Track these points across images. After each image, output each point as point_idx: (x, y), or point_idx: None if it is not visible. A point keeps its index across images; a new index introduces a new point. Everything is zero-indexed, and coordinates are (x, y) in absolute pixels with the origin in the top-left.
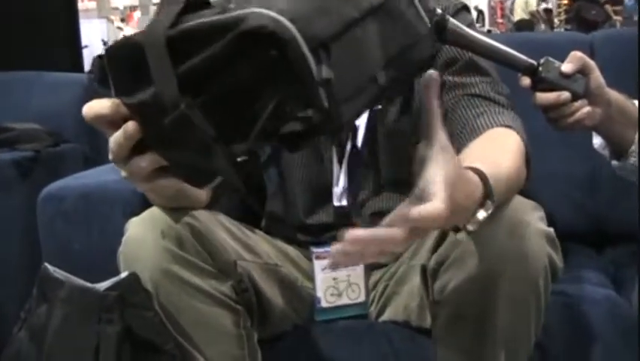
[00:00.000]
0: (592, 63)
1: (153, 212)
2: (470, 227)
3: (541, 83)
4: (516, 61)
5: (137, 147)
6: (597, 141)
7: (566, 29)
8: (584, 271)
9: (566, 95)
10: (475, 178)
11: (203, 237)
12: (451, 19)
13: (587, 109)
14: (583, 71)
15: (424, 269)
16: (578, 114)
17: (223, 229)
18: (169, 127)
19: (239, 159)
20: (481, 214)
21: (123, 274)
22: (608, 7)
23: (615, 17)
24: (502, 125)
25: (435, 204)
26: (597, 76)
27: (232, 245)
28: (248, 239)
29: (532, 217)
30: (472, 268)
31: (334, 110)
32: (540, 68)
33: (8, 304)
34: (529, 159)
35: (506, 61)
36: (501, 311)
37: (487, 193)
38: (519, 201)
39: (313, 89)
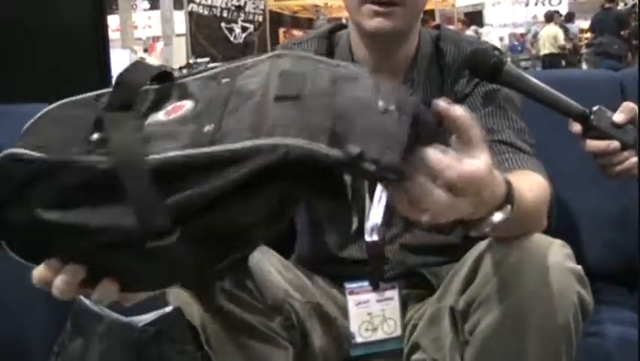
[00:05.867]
0: None
1: None
2: (487, 228)
3: (592, 131)
4: (568, 107)
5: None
6: None
7: (588, 58)
8: (618, 311)
9: (615, 144)
10: (501, 179)
11: (255, 273)
12: (509, 62)
13: (634, 159)
14: (634, 122)
15: (452, 310)
16: (626, 163)
17: (273, 267)
18: (145, 254)
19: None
20: (497, 216)
21: (167, 309)
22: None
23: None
24: (528, 169)
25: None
26: None
27: (281, 282)
28: (296, 277)
29: (559, 256)
30: (501, 308)
31: None
32: (592, 117)
33: (39, 338)
34: (552, 205)
35: (559, 106)
36: (531, 351)
37: (508, 198)
38: (546, 240)
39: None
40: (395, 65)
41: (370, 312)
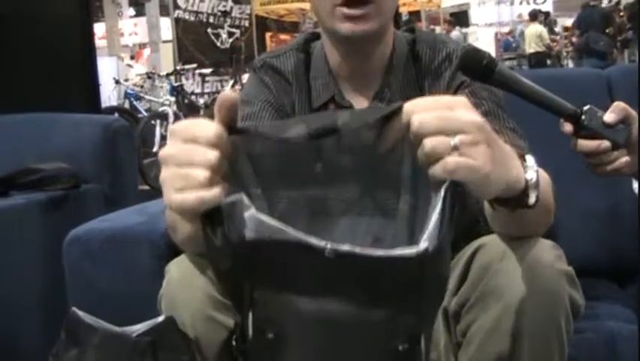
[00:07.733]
0: (634, 114)
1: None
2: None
3: (583, 131)
4: (560, 107)
5: None
6: (637, 186)
7: (573, 58)
8: (609, 306)
9: (606, 144)
10: (514, 152)
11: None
12: (500, 63)
13: (625, 159)
14: (625, 121)
15: (445, 311)
16: (617, 163)
17: None
18: None
19: None
20: (530, 174)
21: (160, 318)
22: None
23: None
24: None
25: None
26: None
27: None
28: None
29: (551, 257)
30: (493, 309)
31: None
32: (583, 116)
33: (31, 346)
34: (556, 199)
35: (550, 106)
36: (523, 353)
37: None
38: (538, 241)
39: None
40: (371, 70)
41: None
